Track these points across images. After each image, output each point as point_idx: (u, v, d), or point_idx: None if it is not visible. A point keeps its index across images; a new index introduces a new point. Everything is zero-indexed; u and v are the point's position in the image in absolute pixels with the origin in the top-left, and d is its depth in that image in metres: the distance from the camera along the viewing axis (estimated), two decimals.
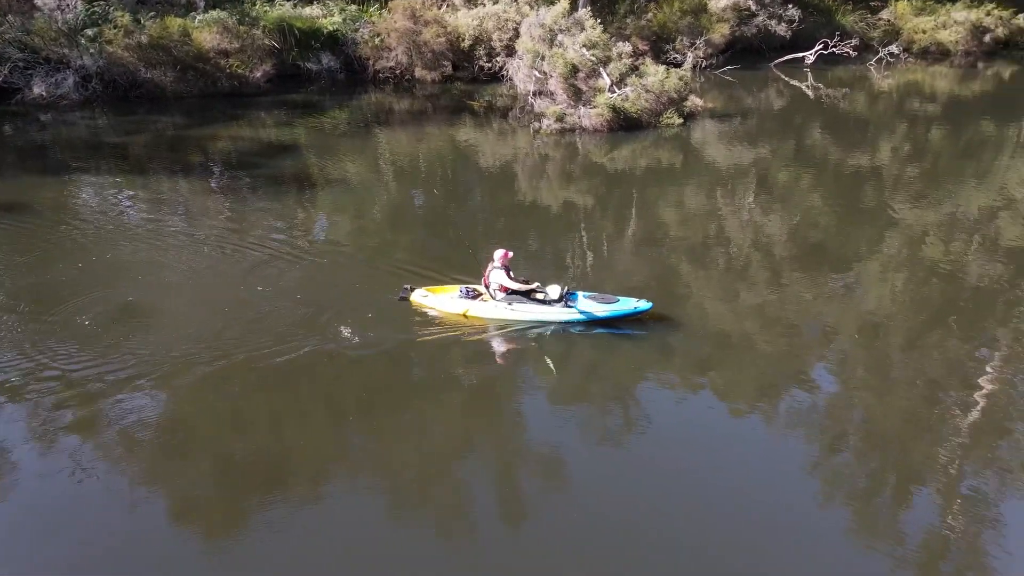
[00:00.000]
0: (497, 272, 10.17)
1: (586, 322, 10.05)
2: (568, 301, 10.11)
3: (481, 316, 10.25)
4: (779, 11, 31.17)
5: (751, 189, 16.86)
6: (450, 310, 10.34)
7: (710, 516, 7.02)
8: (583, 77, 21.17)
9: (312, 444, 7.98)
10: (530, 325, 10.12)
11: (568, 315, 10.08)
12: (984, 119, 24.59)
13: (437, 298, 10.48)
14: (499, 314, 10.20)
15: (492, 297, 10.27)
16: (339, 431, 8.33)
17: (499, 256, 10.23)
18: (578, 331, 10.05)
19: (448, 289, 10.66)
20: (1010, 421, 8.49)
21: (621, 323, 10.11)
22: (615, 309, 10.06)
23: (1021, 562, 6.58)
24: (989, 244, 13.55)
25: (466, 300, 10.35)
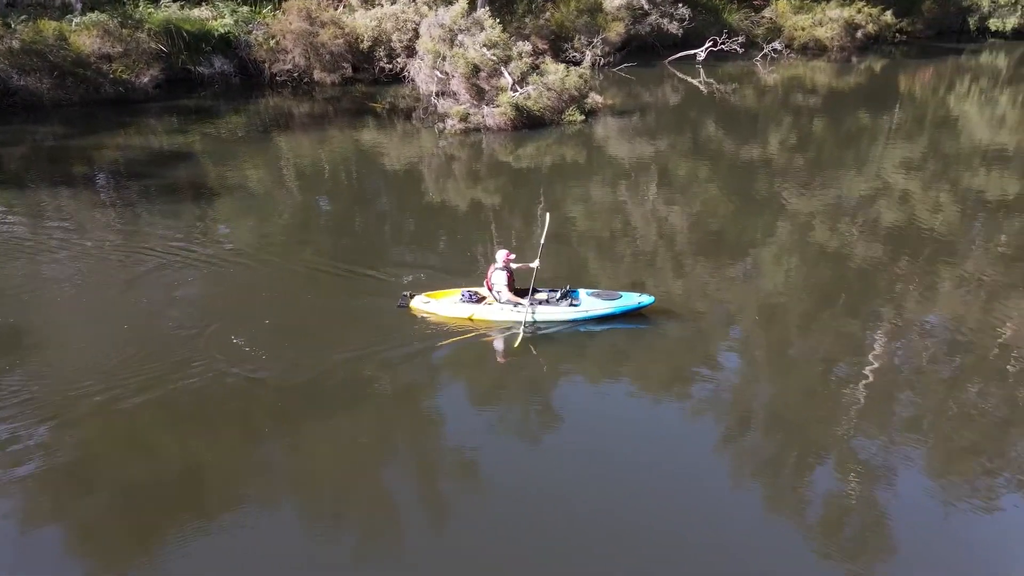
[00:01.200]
0: (499, 274, 10.06)
1: (593, 320, 10.12)
2: (572, 300, 10.19)
3: (487, 319, 10.12)
4: (670, 10, 32.27)
5: (653, 182, 17.42)
6: (454, 315, 10.18)
7: (629, 500, 7.23)
8: (485, 76, 21.29)
9: (226, 465, 7.71)
10: (537, 326, 10.07)
11: (574, 314, 10.12)
12: (860, 110, 26.31)
13: (439, 303, 10.31)
14: (505, 316, 10.08)
15: (496, 299, 10.16)
16: (253, 449, 8.07)
17: (501, 257, 10.13)
18: (584, 329, 10.11)
19: (449, 294, 10.49)
20: (895, 390, 9.16)
21: (615, 319, 10.21)
22: (619, 305, 10.18)
23: (911, 520, 7.11)
24: (870, 226, 14.53)
25: (470, 304, 10.23)
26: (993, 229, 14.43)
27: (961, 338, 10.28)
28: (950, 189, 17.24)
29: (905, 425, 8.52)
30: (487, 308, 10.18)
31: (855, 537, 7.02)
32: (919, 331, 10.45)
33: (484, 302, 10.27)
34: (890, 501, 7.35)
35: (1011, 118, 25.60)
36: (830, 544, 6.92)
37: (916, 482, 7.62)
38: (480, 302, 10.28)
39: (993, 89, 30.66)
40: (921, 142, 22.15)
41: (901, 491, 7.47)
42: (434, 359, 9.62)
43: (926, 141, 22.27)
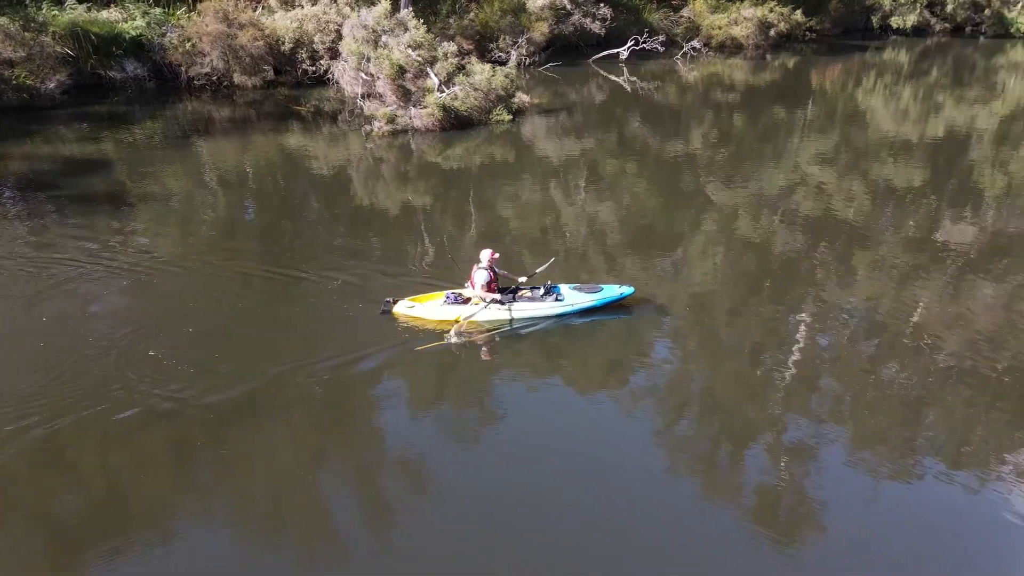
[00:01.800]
0: (481, 273, 10.08)
1: (577, 313, 10.29)
2: (557, 296, 10.32)
3: (475, 320, 10.09)
4: (592, 10, 32.77)
5: (582, 179, 17.66)
6: (441, 318, 10.13)
7: (570, 494, 7.31)
8: (411, 77, 21.14)
9: (155, 486, 7.41)
10: (525, 323, 10.15)
11: (560, 308, 10.24)
12: (776, 105, 27.34)
13: (424, 307, 10.25)
14: (492, 315, 10.13)
15: (481, 299, 10.14)
16: (184, 469, 7.79)
17: (486, 257, 10.17)
18: (563, 323, 10.26)
19: (433, 297, 10.43)
20: (819, 375, 9.57)
21: (595, 310, 10.43)
22: (602, 297, 10.36)
23: (837, 495, 7.44)
24: (790, 217, 15.12)
25: (457, 306, 10.17)
26: (902, 216, 15.23)
27: (878, 320, 10.82)
28: (861, 179, 18.10)
29: (830, 406, 8.91)
30: (473, 308, 10.17)
31: (787, 515, 7.29)
32: (839, 315, 10.93)
33: (470, 303, 10.25)
34: (818, 479, 7.67)
35: (914, 111, 27.07)
36: (764, 523, 7.16)
37: (841, 458, 7.97)
38: (466, 303, 10.26)
39: (897, 83, 32.35)
40: (833, 135, 23.18)
41: (828, 468, 7.81)
42: (369, 366, 9.48)
43: (838, 134, 23.32)
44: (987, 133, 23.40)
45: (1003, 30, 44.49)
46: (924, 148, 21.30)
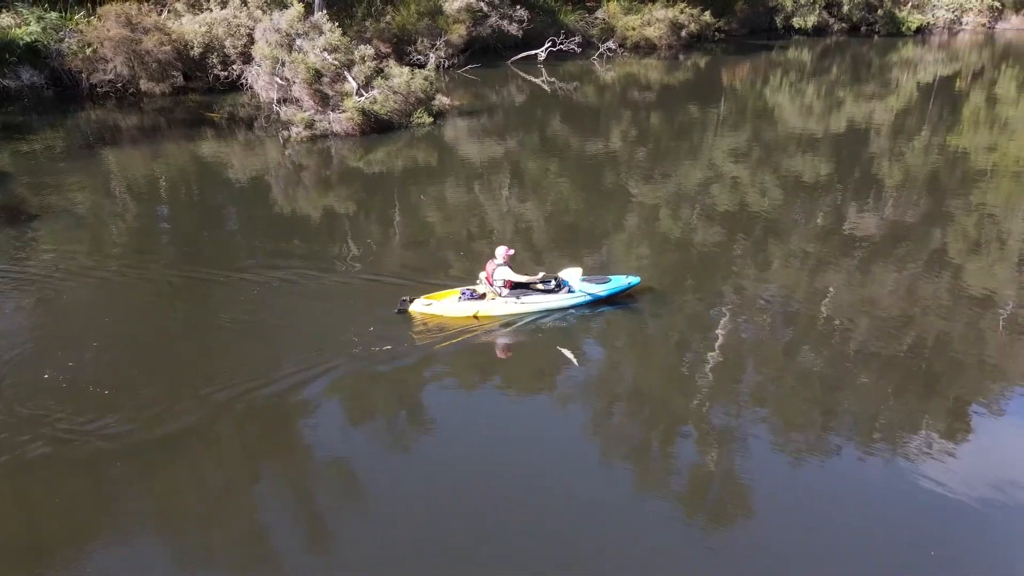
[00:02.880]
0: (502, 269, 10.41)
1: (589, 303, 10.69)
2: (569, 288, 10.65)
3: (491, 314, 10.40)
4: (509, 12, 32.97)
5: (506, 179, 17.76)
6: (459, 313, 10.38)
7: (508, 497, 7.34)
8: (328, 82, 20.78)
9: (75, 518, 7.03)
10: (539, 315, 10.51)
11: (573, 299, 10.65)
12: (690, 103, 28.19)
13: (442, 304, 10.48)
14: (509, 309, 10.46)
15: (499, 294, 10.46)
16: (101, 491, 7.41)
17: (502, 253, 10.49)
18: (577, 314, 10.62)
19: (448, 294, 10.68)
20: (742, 362, 9.91)
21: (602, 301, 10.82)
22: (612, 287, 10.82)
23: (762, 477, 7.73)
24: (708, 211, 15.62)
25: (474, 301, 10.45)
26: (812, 207, 15.96)
27: (793, 307, 11.30)
28: (773, 173, 18.87)
29: (753, 391, 9.25)
30: (491, 303, 10.47)
31: (717, 499, 7.52)
32: (758, 304, 11.36)
33: (486, 298, 10.55)
34: (745, 462, 7.95)
35: (818, 107, 28.41)
36: (695, 509, 7.38)
37: (764, 441, 8.28)
38: (481, 299, 10.56)
39: (801, 81, 33.88)
40: (745, 131, 24.07)
41: (754, 451, 8.09)
42: (296, 390, 9.27)
43: (749, 130, 24.24)
44: (884, 126, 24.79)
45: (895, 29, 47.22)
46: (828, 142, 22.38)
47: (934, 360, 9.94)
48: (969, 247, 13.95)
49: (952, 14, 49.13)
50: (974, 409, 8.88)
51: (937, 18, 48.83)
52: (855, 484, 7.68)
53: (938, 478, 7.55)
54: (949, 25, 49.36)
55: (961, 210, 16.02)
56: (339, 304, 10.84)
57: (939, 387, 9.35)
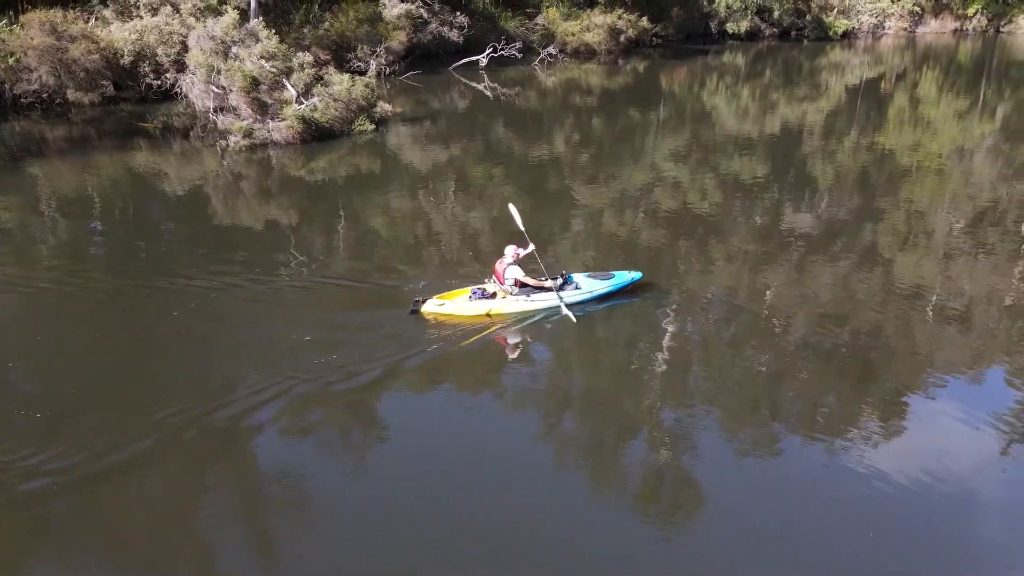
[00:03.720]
0: (513, 267, 10.67)
1: (595, 299, 11.04)
2: (576, 285, 11.00)
3: (504, 312, 10.65)
4: (449, 18, 32.97)
5: (451, 186, 17.72)
6: (472, 312, 10.58)
7: (465, 500, 7.32)
8: (266, 90, 20.41)
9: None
10: (549, 312, 10.74)
11: (580, 295, 10.96)
12: (631, 107, 28.65)
13: (454, 304, 10.66)
14: (521, 307, 10.73)
15: (509, 292, 10.72)
16: (39, 533, 7.10)
17: (511, 252, 10.78)
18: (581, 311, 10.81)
19: (459, 294, 10.88)
20: (688, 360, 10.11)
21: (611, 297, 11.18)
22: (616, 283, 11.18)
23: (712, 474, 7.89)
24: (651, 213, 15.90)
25: (484, 301, 10.67)
26: (750, 207, 16.39)
27: (736, 305, 11.58)
28: (712, 174, 19.32)
29: (700, 389, 9.44)
30: (503, 302, 10.71)
31: (669, 499, 7.66)
32: (702, 302, 11.60)
33: (496, 297, 10.77)
34: (694, 458, 8.10)
35: (753, 109, 29.22)
36: (648, 509, 7.50)
37: (713, 437, 8.46)
38: (491, 297, 10.78)
39: (736, 84, 34.78)
40: (684, 134, 24.60)
41: (703, 448, 8.26)
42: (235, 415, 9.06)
43: (688, 133, 24.77)
44: (816, 127, 25.66)
45: (823, 33, 48.90)
46: (764, 143, 23.04)
47: (869, 351, 10.31)
48: (898, 242, 14.54)
49: (875, 19, 51.18)
50: (907, 397, 9.25)
51: (861, 23, 50.80)
52: (799, 473, 7.91)
53: (875, 463, 7.83)
54: (873, 29, 51.41)
55: (890, 206, 16.68)
56: (286, 312, 10.64)
57: (875, 377, 9.71)
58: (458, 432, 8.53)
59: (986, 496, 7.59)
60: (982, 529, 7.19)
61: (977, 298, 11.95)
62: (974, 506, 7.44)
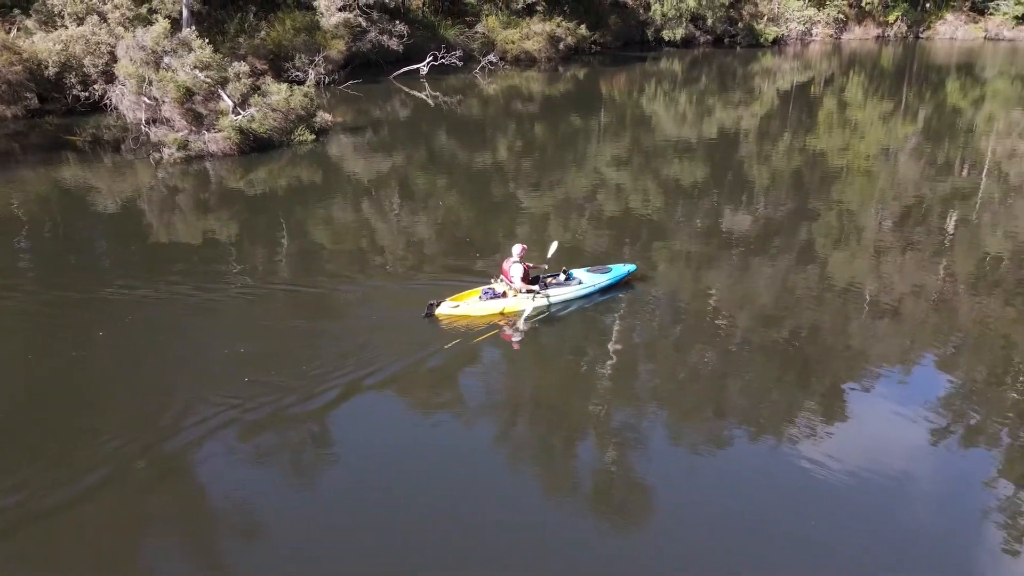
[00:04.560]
0: (516, 266, 11.01)
1: (598, 292, 11.52)
2: (578, 280, 11.49)
3: (516, 309, 10.94)
4: (388, 27, 32.81)
5: (395, 195, 17.59)
6: (487, 312, 10.86)
7: (423, 507, 7.25)
8: (201, 100, 19.94)
9: None
10: (558, 306, 11.19)
11: (584, 290, 11.43)
12: (572, 114, 28.98)
13: (468, 305, 10.93)
14: (532, 303, 11.00)
15: (519, 290, 11.02)
16: None
17: (517, 251, 11.14)
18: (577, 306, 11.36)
19: (471, 294, 11.15)
20: (636, 362, 10.24)
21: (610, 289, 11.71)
22: (613, 276, 11.69)
23: (663, 473, 8.01)
24: (595, 217, 16.08)
25: (498, 300, 10.97)
26: (691, 210, 16.74)
27: (680, 305, 11.79)
28: (653, 178, 19.68)
29: (648, 391, 9.56)
30: (514, 300, 11.01)
31: (621, 498, 7.72)
32: (648, 306, 11.77)
33: (507, 295, 11.07)
34: (645, 458, 8.20)
35: (690, 114, 29.91)
36: (601, 510, 7.54)
37: (663, 437, 8.59)
38: (502, 296, 11.07)
39: (674, 90, 35.55)
40: (625, 139, 25.00)
41: (652, 448, 8.37)
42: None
43: (629, 138, 25.18)
44: (751, 131, 26.41)
45: (754, 40, 50.44)
46: (703, 147, 23.59)
47: (808, 347, 10.63)
48: (832, 240, 15.05)
49: (803, 26, 53.04)
50: (844, 390, 9.56)
51: (790, 30, 52.57)
52: (744, 466, 8.07)
53: (815, 454, 8.07)
54: (801, 36, 53.25)
55: (823, 206, 17.26)
56: (228, 324, 10.39)
57: (814, 372, 10.01)
58: (412, 443, 8.44)
59: (916, 479, 7.90)
60: (913, 510, 7.46)
61: (906, 293, 12.45)
62: (906, 489, 7.72)
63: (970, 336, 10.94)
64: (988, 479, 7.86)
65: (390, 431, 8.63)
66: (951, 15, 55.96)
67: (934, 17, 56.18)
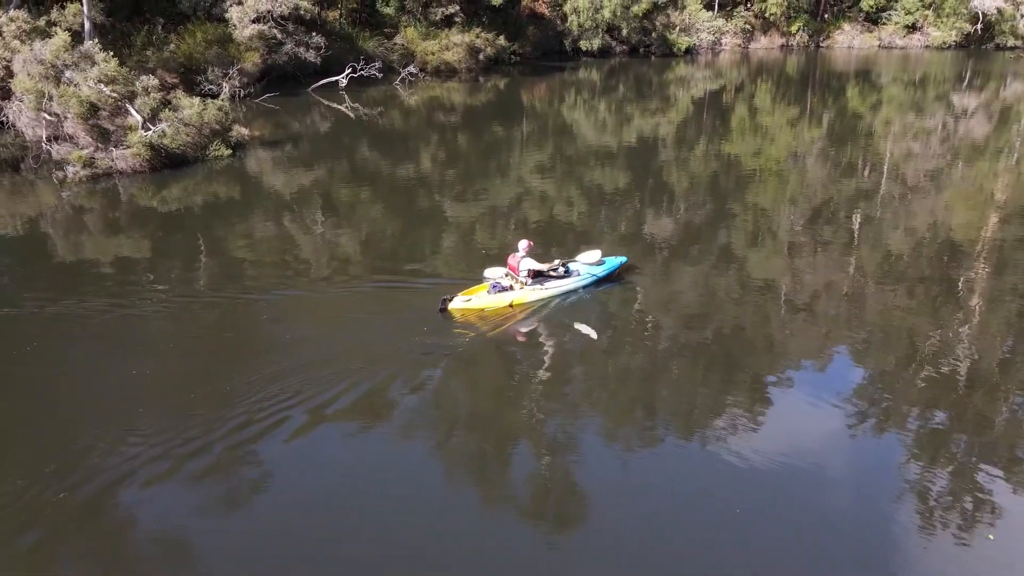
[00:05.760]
0: (526, 260, 11.63)
1: (595, 282, 12.34)
2: (576, 272, 12.19)
3: (524, 301, 11.59)
4: (305, 39, 32.22)
5: (317, 209, 17.25)
6: (497, 304, 11.44)
7: (361, 521, 7.10)
8: (107, 116, 19.11)
9: None
10: (560, 297, 11.89)
11: (584, 281, 12.23)
12: (495, 124, 29.14)
13: (479, 298, 11.49)
14: (538, 295, 11.73)
15: (525, 283, 11.65)
16: None
17: (524, 246, 11.76)
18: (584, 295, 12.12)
19: (480, 289, 11.69)
20: (567, 367, 10.34)
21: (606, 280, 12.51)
22: (607, 267, 12.51)
23: (597, 476, 8.09)
24: (522, 226, 16.18)
25: (504, 293, 11.53)
26: (614, 216, 17.07)
27: (608, 311, 11.98)
28: (577, 186, 19.97)
29: (581, 396, 9.64)
30: (522, 292, 11.65)
31: (557, 504, 7.75)
32: (577, 311, 11.91)
33: (513, 289, 11.65)
34: (579, 463, 8.27)
35: (610, 122, 30.54)
36: (538, 516, 7.56)
37: (595, 442, 8.67)
38: (508, 289, 11.64)
39: (593, 99, 36.24)
40: (548, 148, 25.29)
41: (585, 454, 8.44)
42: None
43: (551, 147, 25.49)
44: (668, 138, 27.18)
45: (668, 50, 52.00)
46: (623, 154, 24.12)
47: (732, 344, 10.98)
48: (749, 241, 15.61)
49: (713, 36, 55.04)
50: (765, 385, 9.92)
51: (701, 40, 54.44)
52: (673, 464, 8.27)
53: (740, 448, 8.33)
54: (712, 46, 55.23)
55: (739, 208, 17.91)
56: (134, 348, 9.92)
57: (737, 368, 10.33)
58: (343, 464, 8.26)
59: (834, 465, 8.25)
60: (831, 494, 7.79)
61: (819, 288, 13.03)
62: (824, 475, 8.05)
63: (878, 327, 11.53)
64: (899, 462, 8.29)
65: (320, 449, 8.42)
66: (848, 25, 59.13)
67: (832, 27, 59.27)
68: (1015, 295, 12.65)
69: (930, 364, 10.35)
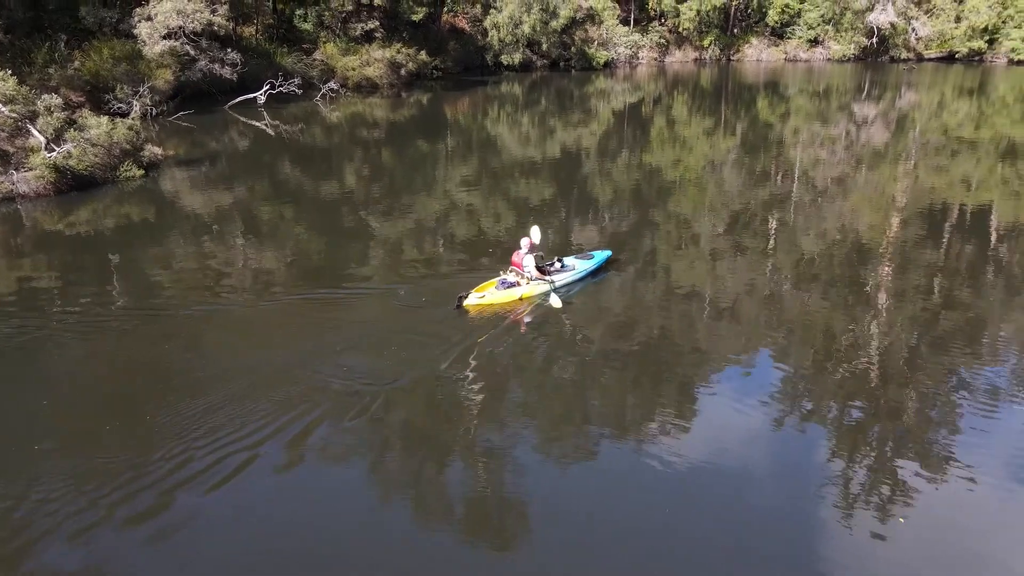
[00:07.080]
0: (529, 257, 12.53)
1: (587, 274, 13.39)
2: (571, 267, 13.26)
3: (532, 294, 12.48)
4: (220, 55, 31.40)
5: (238, 229, 16.76)
6: (509, 298, 12.28)
7: (296, 536, 6.88)
8: (6, 137, 18.11)
9: None
10: (561, 288, 12.80)
11: (577, 274, 13.23)
12: (419, 138, 29.04)
13: (491, 293, 12.24)
14: (542, 288, 12.60)
15: (530, 277, 12.50)
16: None
17: (527, 243, 12.62)
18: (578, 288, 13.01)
19: (490, 285, 12.45)
20: (500, 379, 10.31)
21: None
22: (596, 261, 13.60)
23: (535, 487, 8.10)
24: (448, 240, 16.14)
25: (512, 288, 12.37)
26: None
27: (537, 322, 12.05)
28: (503, 198, 20.08)
29: (515, 408, 9.64)
30: (528, 286, 12.46)
31: (497, 518, 7.72)
32: (507, 324, 11.94)
33: (519, 284, 12.47)
34: (515, 474, 8.25)
35: (534, 135, 30.90)
36: (477, 530, 7.51)
37: (532, 453, 8.67)
38: (515, 285, 12.44)
39: (516, 112, 36.62)
40: (473, 162, 25.38)
41: (522, 462, 8.44)
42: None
43: (476, 160, 25.59)
44: (591, 149, 27.69)
45: (587, 64, 53.19)
46: (547, 166, 24.42)
47: (660, 351, 11.22)
48: (672, 248, 16.03)
49: (630, 50, 56.63)
50: (693, 388, 10.16)
51: (619, 54, 55.92)
52: (606, 470, 8.35)
53: (670, 450, 8.51)
54: (629, 60, 56.80)
55: (661, 217, 18.38)
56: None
57: (665, 373, 10.57)
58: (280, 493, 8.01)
59: (760, 463, 8.53)
60: (758, 491, 8.02)
61: (740, 292, 13.48)
62: (751, 473, 8.30)
63: (796, 327, 12.00)
64: (819, 455, 8.63)
65: (248, 484, 8.14)
66: (756, 39, 61.88)
67: (742, 41, 61.91)
68: (918, 292, 13.41)
69: (845, 360, 10.83)
